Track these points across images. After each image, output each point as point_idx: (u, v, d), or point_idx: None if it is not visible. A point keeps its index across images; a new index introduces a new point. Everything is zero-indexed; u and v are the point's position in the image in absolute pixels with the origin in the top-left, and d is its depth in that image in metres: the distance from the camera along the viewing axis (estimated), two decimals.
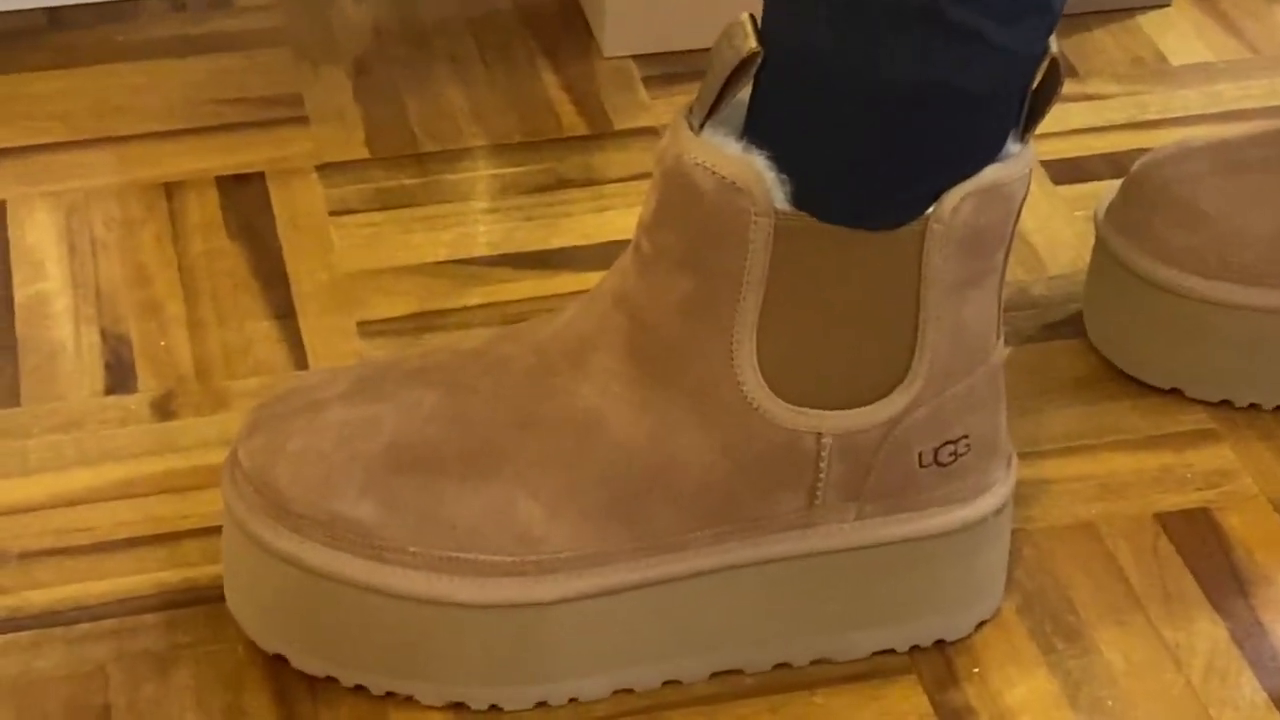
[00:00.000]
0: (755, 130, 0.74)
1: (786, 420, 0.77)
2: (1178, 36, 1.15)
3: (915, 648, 0.82)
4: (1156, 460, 0.91)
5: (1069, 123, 1.10)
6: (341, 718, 0.80)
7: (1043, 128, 1.08)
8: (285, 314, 0.98)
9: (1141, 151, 1.07)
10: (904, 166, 0.74)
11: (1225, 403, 0.94)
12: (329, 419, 0.80)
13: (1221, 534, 0.88)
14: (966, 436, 0.79)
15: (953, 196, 0.74)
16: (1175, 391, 0.94)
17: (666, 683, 0.81)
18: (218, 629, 0.83)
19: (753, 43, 0.72)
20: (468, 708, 0.80)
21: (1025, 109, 0.75)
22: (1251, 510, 0.89)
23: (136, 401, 0.93)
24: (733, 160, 0.73)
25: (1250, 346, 0.92)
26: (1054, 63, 0.74)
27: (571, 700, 0.81)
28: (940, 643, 0.83)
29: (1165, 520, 0.88)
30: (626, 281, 0.78)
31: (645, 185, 1.04)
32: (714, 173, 0.73)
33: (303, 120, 1.09)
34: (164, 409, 0.93)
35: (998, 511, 0.82)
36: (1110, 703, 0.81)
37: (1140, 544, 0.87)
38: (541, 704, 0.80)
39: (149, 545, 0.86)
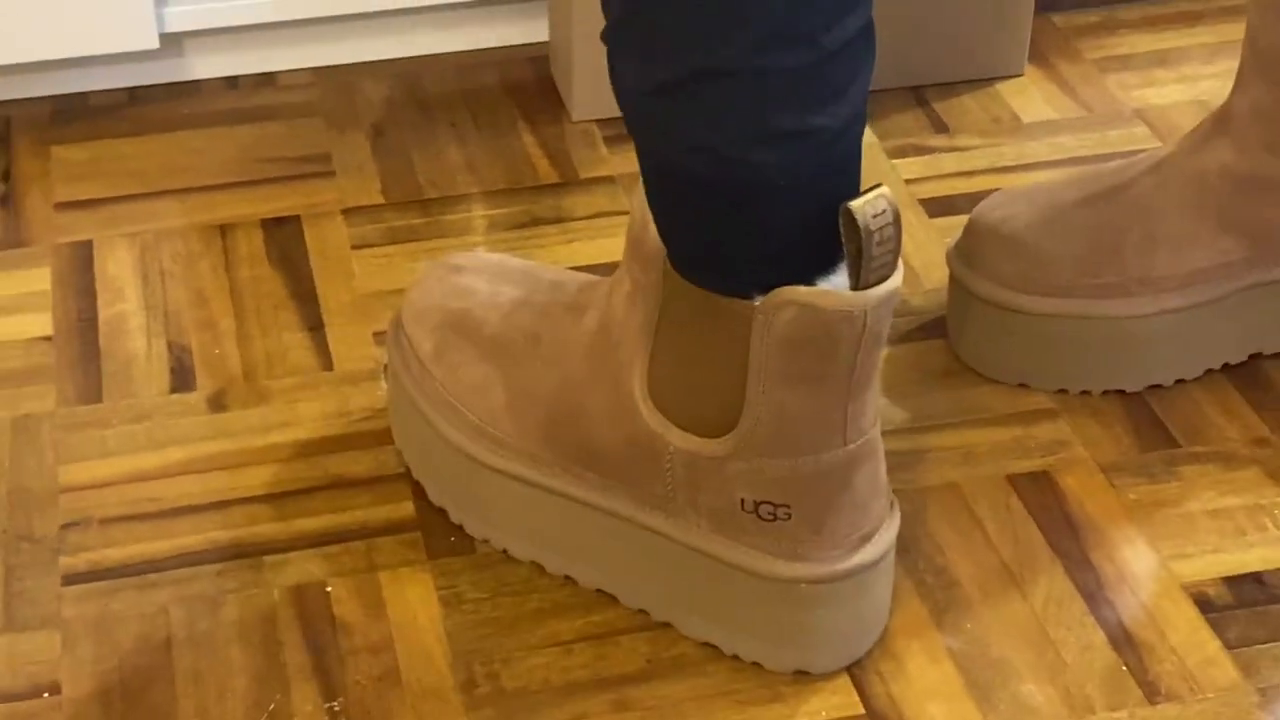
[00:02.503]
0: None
1: (653, 423, 0.76)
2: (1028, 100, 1.15)
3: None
4: (1008, 434, 0.91)
5: (941, 169, 1.09)
6: (357, 647, 0.80)
7: (920, 173, 1.10)
8: (315, 327, 0.98)
9: (1000, 192, 1.08)
10: (710, 243, 0.72)
11: (1062, 390, 0.94)
12: (463, 279, 0.86)
13: (1059, 491, 0.88)
14: (788, 507, 0.74)
15: (776, 297, 0.70)
16: (1023, 385, 0.94)
17: (567, 577, 0.83)
18: (258, 577, 0.83)
19: None
20: (448, 515, 0.85)
21: (862, 263, 0.70)
22: (1083, 472, 0.89)
23: (195, 398, 0.93)
24: (647, 226, 0.74)
25: (1074, 346, 0.92)
26: (869, 233, 0.69)
27: (504, 551, 0.83)
28: None
29: (1015, 481, 0.88)
30: (615, 291, 0.78)
31: (604, 223, 1.06)
32: (646, 230, 0.75)
33: (330, 174, 1.09)
34: (218, 403, 0.93)
35: (811, 581, 0.75)
36: (969, 625, 0.81)
37: (995, 500, 0.87)
38: (485, 541, 0.83)
39: (204, 512, 0.87)
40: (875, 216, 0.70)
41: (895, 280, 0.72)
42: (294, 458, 0.89)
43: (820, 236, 0.71)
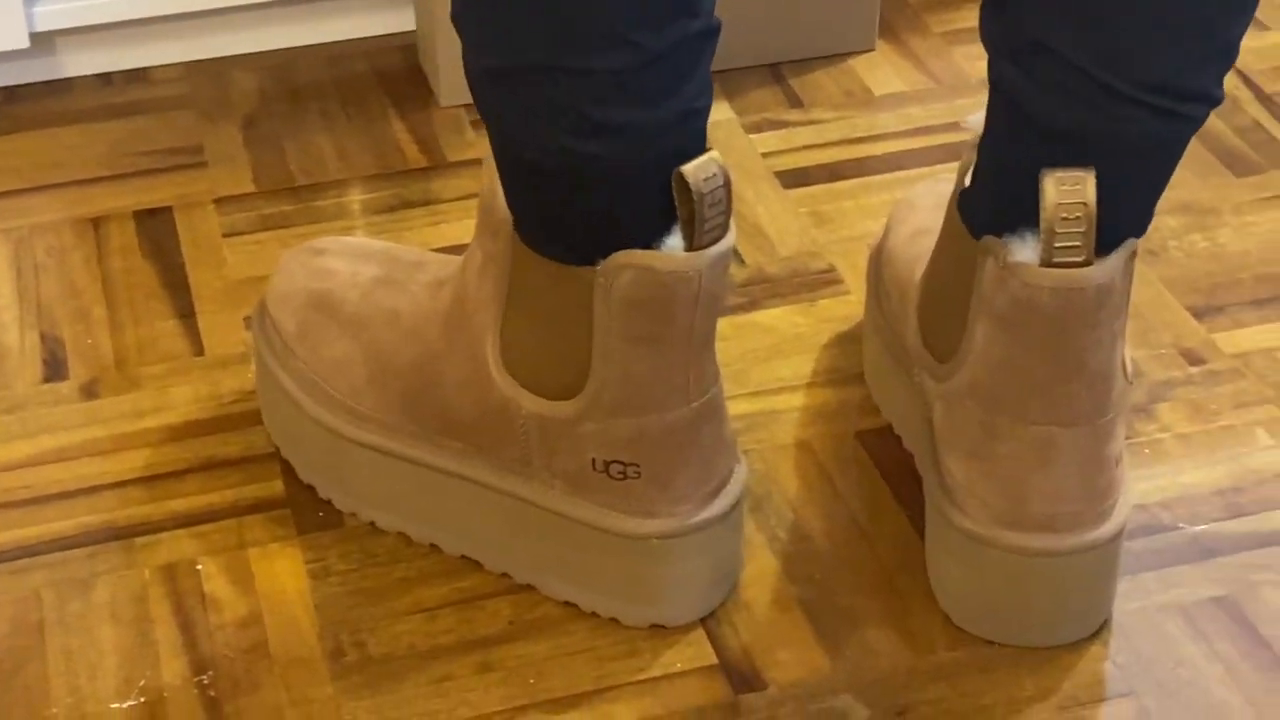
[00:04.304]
0: None
1: (506, 389, 0.76)
2: (879, 73, 1.16)
3: None
4: (857, 392, 0.91)
5: (796, 142, 1.10)
6: (226, 622, 0.79)
7: (775, 147, 1.10)
8: (187, 314, 0.97)
9: (853, 162, 1.08)
10: (550, 219, 0.72)
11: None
12: (325, 262, 0.85)
13: (905, 446, 0.88)
14: (636, 465, 0.74)
15: (615, 260, 0.70)
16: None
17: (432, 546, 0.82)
18: (129, 558, 0.82)
19: None
20: (316, 491, 0.85)
21: (695, 226, 0.70)
22: None
23: (68, 387, 0.92)
24: (496, 194, 0.74)
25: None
26: (701, 196, 0.69)
27: (371, 523, 0.83)
28: None
29: (863, 437, 0.89)
30: (468, 264, 0.77)
31: (471, 205, 1.06)
32: (495, 198, 0.74)
33: (202, 165, 1.08)
34: (90, 391, 0.92)
35: (661, 537, 0.75)
36: (818, 575, 0.81)
37: (844, 456, 0.88)
38: (352, 515, 0.83)
39: (76, 497, 0.86)
40: (706, 180, 0.70)
41: (728, 240, 0.72)
42: (165, 441, 0.88)
43: (660, 204, 0.71)
